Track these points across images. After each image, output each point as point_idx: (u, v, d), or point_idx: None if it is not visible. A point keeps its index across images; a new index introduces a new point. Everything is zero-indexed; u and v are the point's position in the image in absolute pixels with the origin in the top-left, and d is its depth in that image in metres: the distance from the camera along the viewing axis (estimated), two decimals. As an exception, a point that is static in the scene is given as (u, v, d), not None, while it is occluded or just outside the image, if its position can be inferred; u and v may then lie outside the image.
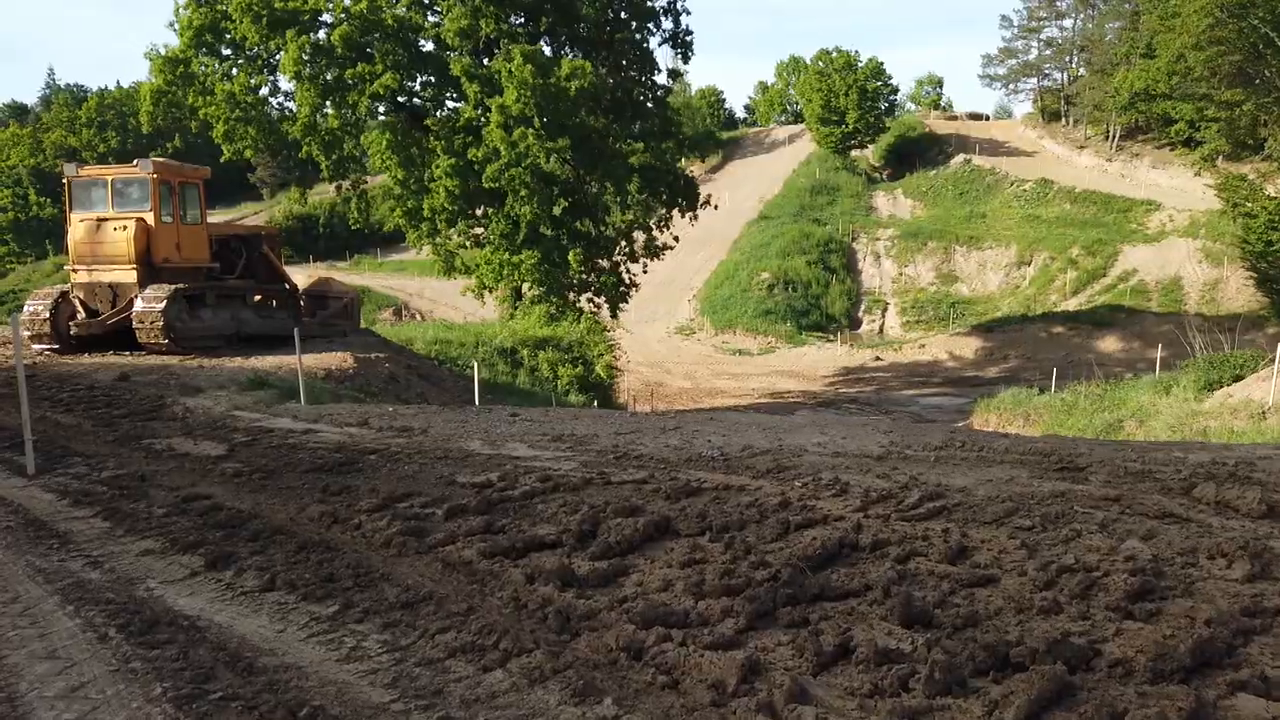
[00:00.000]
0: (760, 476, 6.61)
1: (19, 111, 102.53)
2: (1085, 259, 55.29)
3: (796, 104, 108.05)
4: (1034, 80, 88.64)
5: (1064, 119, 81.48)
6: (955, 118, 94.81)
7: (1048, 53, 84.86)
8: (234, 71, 26.92)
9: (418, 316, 57.70)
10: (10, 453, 8.80)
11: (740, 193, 72.41)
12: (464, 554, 5.18)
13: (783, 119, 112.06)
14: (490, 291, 31.40)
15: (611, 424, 9.05)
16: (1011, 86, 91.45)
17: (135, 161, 16.32)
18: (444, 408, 11.52)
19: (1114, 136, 72.30)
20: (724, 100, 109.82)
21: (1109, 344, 44.35)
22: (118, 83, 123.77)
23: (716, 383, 44.06)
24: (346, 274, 59.81)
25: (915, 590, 4.28)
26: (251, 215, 74.59)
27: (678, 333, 55.42)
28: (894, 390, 41.26)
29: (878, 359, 47.18)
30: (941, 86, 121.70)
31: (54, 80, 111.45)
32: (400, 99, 27.77)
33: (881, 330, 56.62)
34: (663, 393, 39.71)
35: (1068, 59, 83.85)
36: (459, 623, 4.21)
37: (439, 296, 59.37)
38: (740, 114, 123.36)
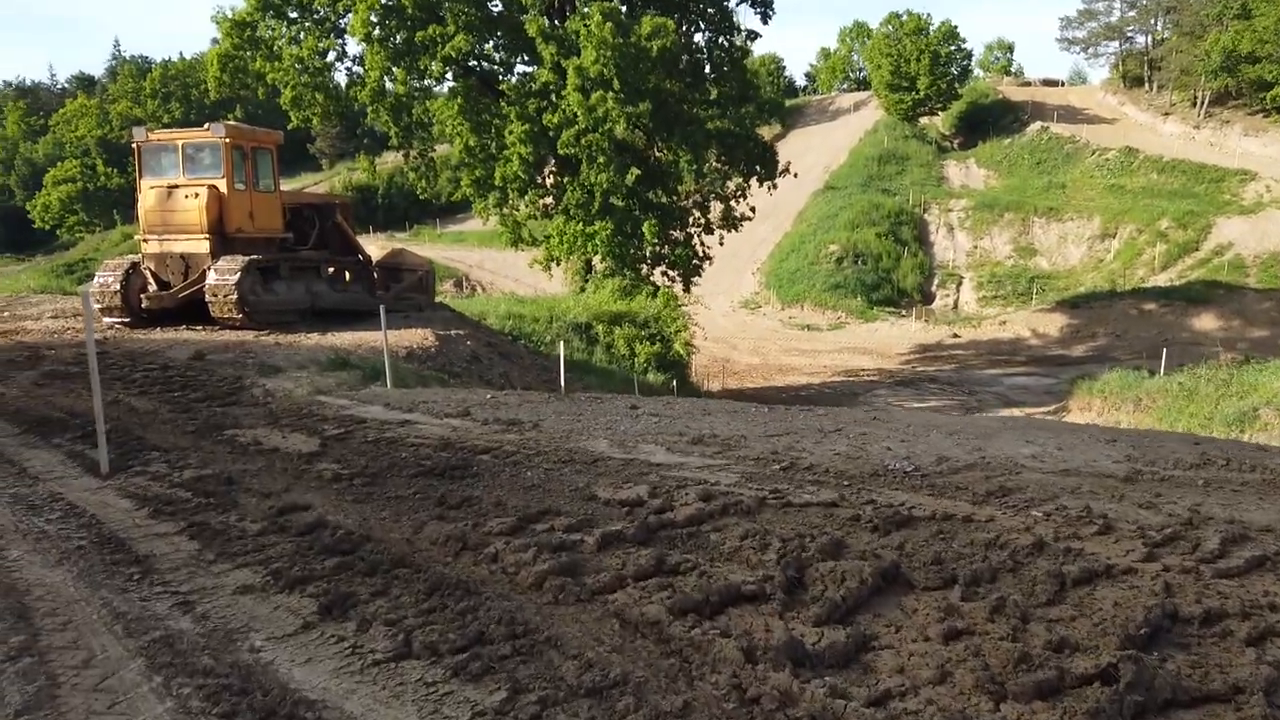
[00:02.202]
0: (983, 502, 5.36)
1: (86, 83, 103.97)
2: (1175, 232, 52.35)
3: (861, 70, 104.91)
4: (1115, 44, 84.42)
5: (1147, 84, 77.47)
6: (1029, 84, 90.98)
7: (1131, 14, 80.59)
8: (301, 35, 26.00)
9: (478, 288, 57.03)
10: (83, 445, 7.91)
11: (804, 162, 69.89)
12: (645, 609, 4.04)
13: (845, 86, 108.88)
14: (559, 264, 30.31)
15: (754, 422, 7.86)
16: (1091, 50, 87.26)
17: (207, 125, 15.43)
18: (548, 396, 10.43)
19: (1202, 103, 68.42)
20: (784, 68, 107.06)
21: (1206, 322, 41.80)
22: (181, 54, 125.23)
23: (786, 359, 42.61)
24: (406, 245, 59.27)
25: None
26: (311, 186, 74.46)
27: (743, 307, 53.92)
28: (975, 369, 39.41)
29: (955, 336, 45.21)
30: (1012, 52, 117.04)
31: (120, 52, 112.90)
32: (471, 63, 26.63)
33: (956, 305, 54.40)
34: (731, 369, 38.43)
35: (1153, 21, 79.53)
36: (676, 727, 3.07)
37: (499, 268, 58.57)
38: (800, 82, 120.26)
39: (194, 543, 5.36)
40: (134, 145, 15.87)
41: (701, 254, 29.98)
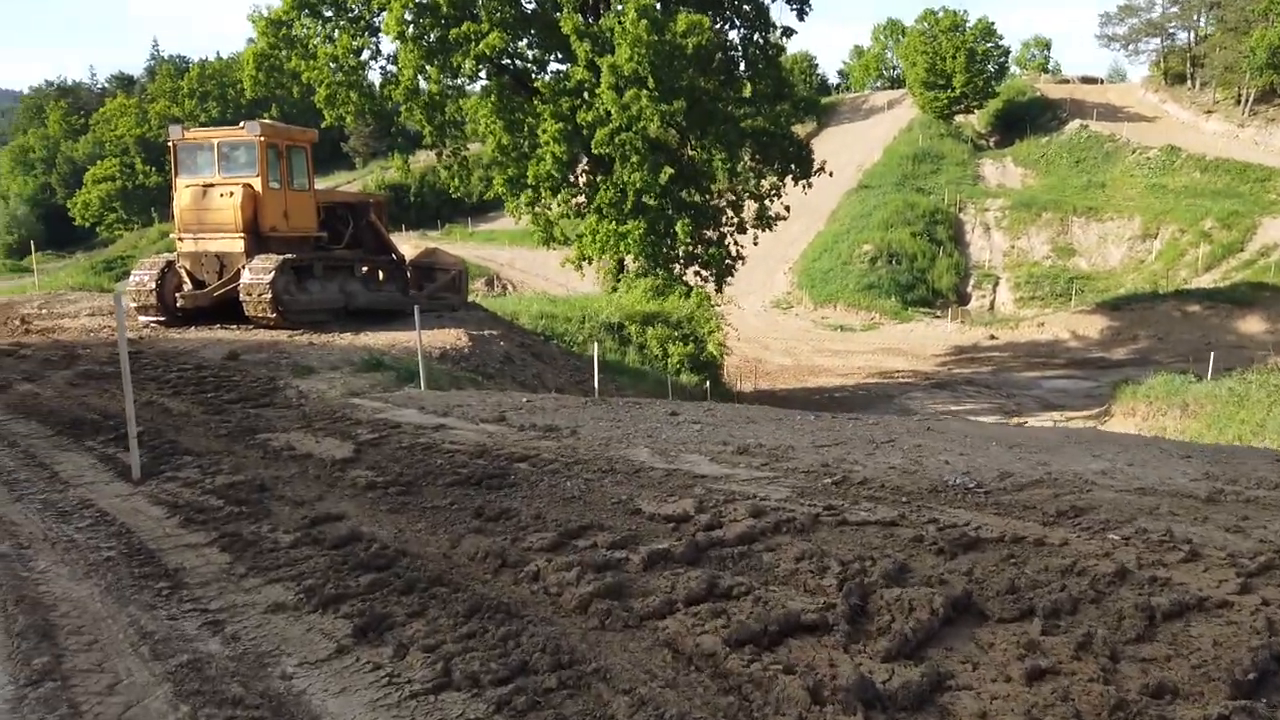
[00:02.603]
0: (1054, 523, 5.04)
1: (125, 82, 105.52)
2: (1219, 232, 51.15)
3: (896, 68, 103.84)
4: (1156, 40, 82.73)
5: (1189, 81, 75.84)
6: (1067, 81, 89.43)
7: (1173, 10, 78.89)
8: (336, 34, 26.00)
9: (509, 287, 57.02)
10: (115, 447, 7.80)
11: (837, 161, 68.90)
12: (700, 639, 3.78)
13: (879, 84, 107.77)
14: (590, 263, 30.10)
15: (800, 431, 7.57)
16: (1132, 47, 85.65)
17: (242, 124, 15.39)
18: (585, 401, 10.19)
19: (1247, 100, 66.85)
20: (816, 66, 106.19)
21: (1252, 325, 40.75)
22: (218, 54, 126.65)
23: (818, 360, 42.13)
24: (438, 244, 59.42)
25: None
26: (344, 184, 74.95)
27: (774, 307, 53.46)
28: (1013, 371, 38.71)
29: (992, 337, 44.47)
30: (1049, 49, 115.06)
31: (158, 52, 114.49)
32: (504, 61, 26.49)
33: (992, 306, 53.56)
34: (762, 370, 38.03)
35: (1196, 16, 77.82)
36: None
37: (530, 267, 58.53)
38: (833, 80, 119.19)
39: (225, 555, 5.18)
40: (170, 144, 15.87)
41: (735, 254, 29.64)
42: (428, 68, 25.16)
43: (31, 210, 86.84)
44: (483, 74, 26.79)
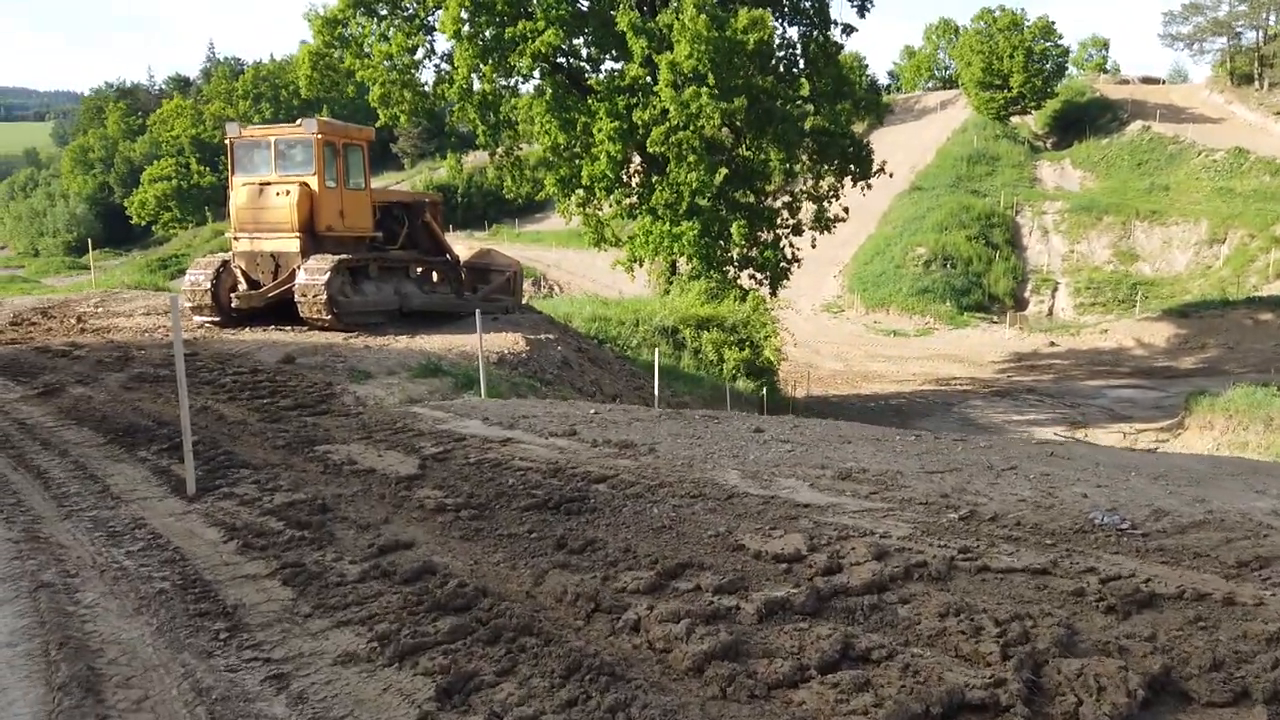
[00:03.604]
0: (1236, 576, 4.35)
1: (182, 84, 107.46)
2: (1292, 237, 49.14)
3: (948, 68, 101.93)
4: (1222, 39, 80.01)
5: (1257, 82, 73.20)
6: (1127, 81, 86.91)
7: (1241, 8, 76.22)
8: (391, 32, 25.78)
9: (556, 288, 56.73)
10: (169, 458, 7.39)
11: (889, 162, 68.00)
12: (849, 720, 3.17)
13: (930, 85, 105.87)
14: (642, 265, 29.55)
15: (904, 454, 6.91)
16: (1196, 47, 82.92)
17: (299, 121, 15.08)
18: (659, 414, 9.61)
19: (1321, 101, 64.29)
20: (866, 66, 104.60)
21: (1329, 334, 38.97)
22: (271, 55, 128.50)
23: (871, 365, 41.16)
24: (485, 244, 59.34)
25: None
26: (393, 185, 75.37)
27: (824, 310, 52.51)
28: (1075, 380, 37.39)
29: (1053, 344, 43.08)
30: (1107, 49, 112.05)
31: (214, 54, 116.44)
32: (559, 59, 26.06)
33: (1051, 312, 51.98)
34: (815, 376, 37.18)
35: (1264, 15, 75.11)
36: None
37: (576, 268, 58.19)
38: (883, 81, 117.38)
39: (288, 589, 4.68)
40: (227, 141, 15.63)
41: (790, 256, 28.88)
42: (482, 66, 24.81)
43: (90, 209, 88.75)
44: (536, 73, 26.41)
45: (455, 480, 6.72)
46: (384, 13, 25.64)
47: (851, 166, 28.49)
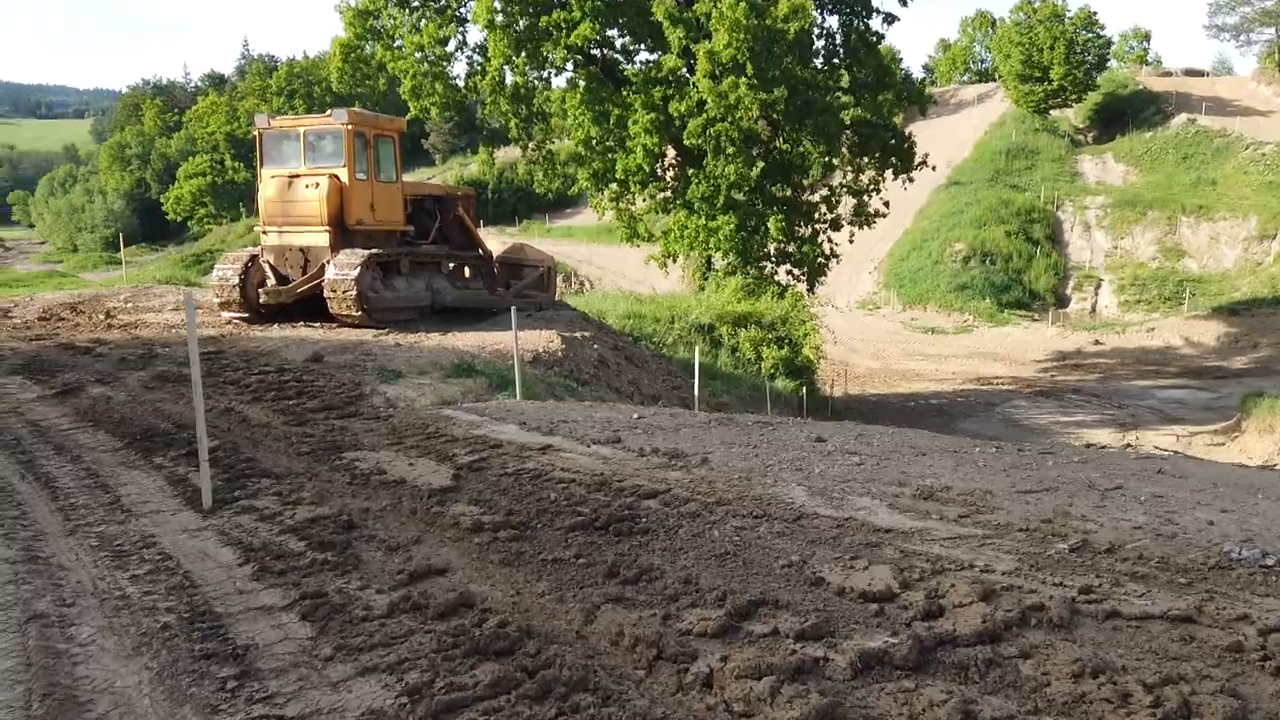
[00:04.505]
0: None
1: (217, 81, 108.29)
2: (1346, 233, 47.46)
3: (984, 61, 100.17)
4: (1271, 30, 77.65)
5: (1308, 73, 71.02)
6: (1169, 74, 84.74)
7: (1291, -3, 73.92)
8: (422, 23, 25.35)
9: (586, 284, 56.24)
10: (186, 466, 6.90)
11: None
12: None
13: (966, 78, 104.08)
14: (676, 260, 28.90)
15: (988, 469, 6.24)
16: (1244, 37, 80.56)
17: (329, 111, 14.61)
18: (708, 420, 8.98)
19: (1376, 92, 62.12)
20: (900, 59, 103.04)
21: (1389, 334, 37.50)
22: (304, 52, 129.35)
23: (909, 364, 40.25)
24: (515, 239, 58.95)
25: None
26: (425, 180, 75.25)
27: (860, 307, 51.58)
28: (1122, 379, 36.27)
29: (1097, 343, 41.90)
30: (1149, 40, 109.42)
31: (248, 51, 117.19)
32: (593, 51, 25.47)
33: (1094, 310, 50.65)
34: (851, 373, 36.34)
35: (1316, 4, 72.83)
36: None
37: (607, 264, 57.65)
38: (918, 74, 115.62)
39: (306, 626, 4.13)
40: (256, 132, 15.20)
41: (829, 252, 28.09)
42: (515, 59, 24.30)
43: (128, 205, 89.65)
44: (570, 65, 25.85)
45: (492, 494, 6.15)
46: (416, 4, 25.22)
47: (893, 159, 27.67)
